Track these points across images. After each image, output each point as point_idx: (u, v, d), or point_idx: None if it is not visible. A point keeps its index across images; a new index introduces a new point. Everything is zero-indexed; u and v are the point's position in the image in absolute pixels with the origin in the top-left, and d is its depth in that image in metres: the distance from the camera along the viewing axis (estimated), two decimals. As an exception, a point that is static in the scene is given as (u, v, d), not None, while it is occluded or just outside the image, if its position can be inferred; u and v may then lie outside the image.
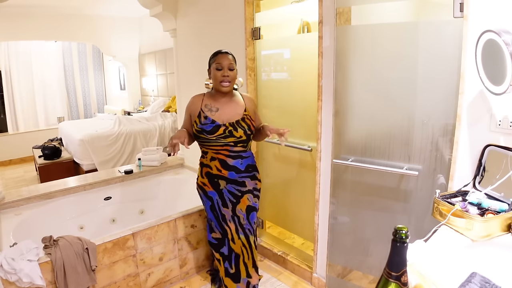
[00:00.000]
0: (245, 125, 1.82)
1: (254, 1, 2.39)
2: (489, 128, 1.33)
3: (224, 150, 1.80)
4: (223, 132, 1.77)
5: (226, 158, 1.81)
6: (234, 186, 1.85)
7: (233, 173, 1.83)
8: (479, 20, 1.31)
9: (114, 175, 3.01)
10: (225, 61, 1.75)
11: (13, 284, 1.64)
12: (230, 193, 1.86)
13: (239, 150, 1.83)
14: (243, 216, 1.88)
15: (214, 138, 1.78)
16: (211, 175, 1.85)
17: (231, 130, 1.78)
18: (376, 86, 1.80)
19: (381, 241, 1.86)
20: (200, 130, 1.78)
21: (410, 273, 0.79)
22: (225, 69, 1.75)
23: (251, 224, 1.91)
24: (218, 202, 1.87)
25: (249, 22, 2.41)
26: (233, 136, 1.79)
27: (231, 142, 1.79)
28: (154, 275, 2.21)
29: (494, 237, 1.04)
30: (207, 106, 1.83)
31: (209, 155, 1.83)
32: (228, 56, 1.78)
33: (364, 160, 1.85)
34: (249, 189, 1.89)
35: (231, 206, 1.87)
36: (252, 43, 2.46)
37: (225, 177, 1.83)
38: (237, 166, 1.83)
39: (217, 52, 1.81)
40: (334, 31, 1.86)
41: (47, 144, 5.07)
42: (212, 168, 1.83)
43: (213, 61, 1.78)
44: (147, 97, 6.75)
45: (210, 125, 1.77)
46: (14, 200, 2.45)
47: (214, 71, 1.77)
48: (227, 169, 1.82)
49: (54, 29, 5.58)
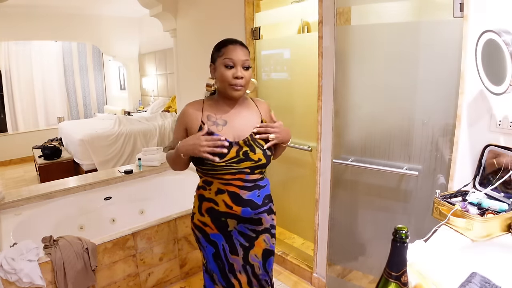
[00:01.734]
0: (264, 142, 1.31)
1: (254, 1, 2.39)
2: (489, 128, 1.33)
3: (236, 180, 1.27)
4: (236, 155, 1.24)
5: (239, 190, 1.28)
6: (247, 226, 1.35)
7: (247, 210, 1.30)
8: (479, 20, 1.31)
9: (114, 175, 3.01)
10: (239, 56, 1.23)
11: (13, 284, 1.64)
12: (242, 235, 1.35)
13: (256, 179, 1.31)
14: (258, 264, 1.39)
15: (224, 164, 1.23)
16: (217, 213, 1.31)
17: (247, 151, 1.26)
18: (376, 86, 1.80)
19: (381, 241, 1.86)
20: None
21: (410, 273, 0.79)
22: (239, 67, 1.23)
23: (268, 273, 1.43)
24: (224, 249, 1.36)
25: (249, 22, 2.41)
26: (250, 160, 1.26)
27: (247, 169, 1.26)
28: (154, 275, 2.21)
29: (494, 237, 1.04)
30: (211, 117, 1.29)
31: (215, 186, 1.29)
32: (243, 48, 1.26)
33: (364, 160, 1.85)
34: (266, 227, 1.38)
35: (243, 253, 1.37)
36: (252, 43, 2.46)
37: (236, 216, 1.31)
38: (254, 200, 1.31)
39: (226, 41, 1.28)
40: (334, 31, 1.86)
41: (47, 144, 5.07)
42: (219, 204, 1.30)
43: (221, 54, 1.25)
44: (147, 97, 6.75)
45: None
46: (14, 200, 2.44)
47: (222, 68, 1.24)
48: (241, 204, 1.29)
49: (54, 29, 5.58)
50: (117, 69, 7.39)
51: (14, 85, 6.47)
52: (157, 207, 2.99)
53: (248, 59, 1.26)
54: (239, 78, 1.23)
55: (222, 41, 1.29)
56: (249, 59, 1.27)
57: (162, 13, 3.19)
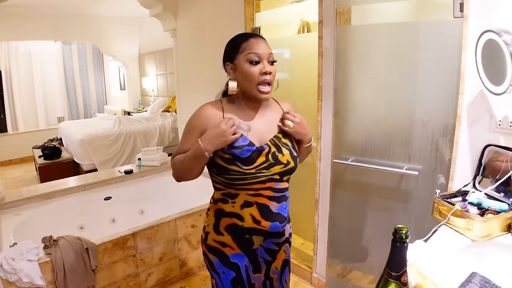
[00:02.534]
0: (289, 142, 1.17)
1: (254, 1, 2.39)
2: (489, 128, 1.33)
3: (267, 189, 1.11)
4: (265, 159, 1.09)
5: (269, 202, 1.12)
6: (272, 241, 1.20)
7: (277, 224, 1.14)
8: (479, 20, 1.31)
9: (114, 175, 3.01)
10: (264, 49, 1.07)
11: (13, 284, 1.64)
12: (267, 251, 1.21)
13: (284, 188, 1.16)
14: (277, 276, 1.26)
15: (254, 171, 1.08)
16: (241, 230, 1.14)
17: (275, 152, 1.11)
18: (376, 86, 1.80)
19: (381, 241, 1.86)
20: (230, 158, 1.07)
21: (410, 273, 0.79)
22: (265, 61, 1.07)
23: (283, 284, 1.30)
24: (247, 269, 1.20)
25: (249, 22, 2.41)
26: (279, 163, 1.11)
27: (276, 175, 1.11)
28: (154, 275, 2.21)
29: (494, 237, 1.04)
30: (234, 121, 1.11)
31: (241, 198, 1.12)
32: (265, 41, 1.11)
33: (364, 160, 1.85)
34: (287, 237, 1.25)
35: (265, 268, 1.23)
36: (252, 43, 2.46)
37: (264, 232, 1.14)
38: (282, 213, 1.16)
39: (245, 35, 1.12)
40: (334, 31, 1.86)
41: (47, 144, 5.08)
42: (245, 219, 1.12)
43: (242, 50, 1.09)
44: (147, 97, 6.75)
45: (248, 149, 1.07)
46: (14, 200, 2.44)
47: (246, 65, 1.07)
48: (270, 219, 1.13)
49: (54, 29, 5.59)
50: (117, 69, 7.39)
51: (14, 85, 6.48)
52: (157, 207, 2.99)
53: (272, 53, 1.10)
54: (268, 73, 1.06)
55: (239, 36, 1.12)
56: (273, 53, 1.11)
57: (162, 13, 3.19)
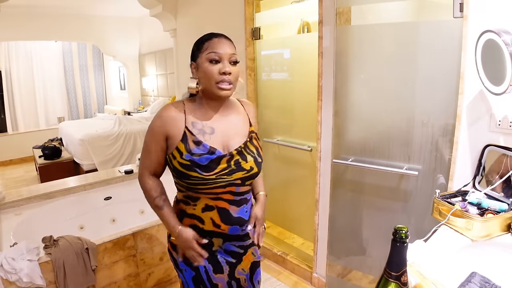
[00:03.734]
0: (254, 148, 1.16)
1: (254, 1, 2.39)
2: (489, 128, 1.33)
3: (227, 193, 1.11)
4: (227, 166, 1.08)
5: (229, 206, 1.12)
6: (234, 244, 1.20)
7: (236, 228, 1.15)
8: (479, 20, 1.32)
9: (114, 175, 3.01)
10: (225, 49, 1.07)
11: (13, 284, 1.64)
12: (229, 253, 1.20)
13: (245, 192, 1.16)
14: (244, 277, 1.25)
15: (214, 177, 1.07)
16: (200, 232, 1.14)
17: (238, 160, 1.10)
18: (376, 86, 1.80)
19: (381, 241, 1.86)
20: (189, 164, 1.06)
21: (410, 273, 0.79)
22: (225, 61, 1.07)
23: (254, 284, 1.28)
24: (207, 270, 1.18)
25: (249, 22, 2.41)
26: (242, 170, 1.10)
27: (238, 180, 1.11)
28: (155, 275, 2.21)
29: (494, 237, 1.04)
30: (196, 125, 1.10)
31: (202, 202, 1.11)
32: (229, 42, 1.11)
33: (364, 160, 1.85)
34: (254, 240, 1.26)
35: (228, 270, 1.21)
36: (252, 43, 2.46)
37: (223, 234, 1.15)
38: (242, 217, 1.16)
39: (209, 34, 1.12)
40: (334, 31, 1.86)
41: (47, 144, 5.08)
42: (205, 222, 1.13)
43: (203, 49, 1.08)
44: (147, 97, 6.75)
45: (207, 157, 1.06)
46: (14, 200, 2.45)
47: (206, 64, 1.06)
48: (229, 223, 1.13)
49: (54, 29, 5.59)
50: (117, 69, 7.39)
51: (14, 85, 6.48)
52: (157, 207, 2.99)
53: (235, 54, 1.10)
54: (227, 73, 1.05)
55: (205, 35, 1.12)
56: (236, 54, 1.11)
57: (162, 13, 3.19)
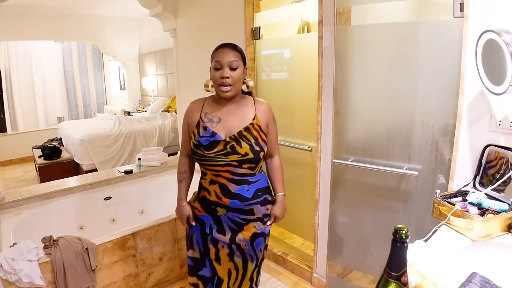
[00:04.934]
0: (251, 137, 1.36)
1: (254, 1, 2.39)
2: (489, 128, 1.33)
3: (225, 172, 1.36)
4: (223, 148, 1.34)
5: (228, 183, 1.37)
6: (238, 215, 1.42)
7: (236, 202, 1.38)
8: (479, 20, 1.31)
9: (114, 175, 3.01)
10: (225, 58, 1.32)
11: (13, 284, 1.64)
12: (232, 221, 1.43)
13: (245, 174, 1.37)
14: (245, 243, 1.44)
15: (213, 156, 1.34)
16: (207, 202, 1.43)
17: (233, 145, 1.34)
18: (376, 86, 1.80)
19: (381, 241, 1.86)
20: (197, 143, 1.37)
21: (410, 273, 0.79)
22: (225, 68, 1.32)
23: (255, 250, 1.46)
24: (212, 227, 1.44)
25: (249, 22, 2.41)
26: (237, 153, 1.34)
27: (234, 162, 1.34)
28: (154, 275, 2.21)
29: (494, 237, 1.04)
30: (207, 115, 1.41)
31: (208, 177, 1.41)
32: (230, 51, 1.34)
33: (364, 160, 1.85)
34: (259, 217, 1.44)
35: (230, 234, 1.43)
36: (252, 43, 2.46)
37: (225, 206, 1.40)
38: (242, 194, 1.38)
39: (218, 46, 1.38)
40: (334, 31, 1.86)
41: (47, 144, 5.07)
42: (211, 194, 1.41)
43: (212, 58, 1.37)
44: (147, 97, 6.75)
45: (207, 139, 1.36)
46: (14, 200, 2.44)
47: (212, 70, 1.36)
48: (229, 196, 1.38)
49: (54, 29, 5.58)
50: (117, 69, 7.39)
51: (14, 85, 6.48)
52: (157, 207, 2.99)
53: (235, 60, 1.33)
54: (225, 77, 1.31)
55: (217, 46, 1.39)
56: (238, 60, 1.34)
57: (162, 13, 3.18)
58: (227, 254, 1.45)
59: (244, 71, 1.40)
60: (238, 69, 1.34)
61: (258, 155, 1.36)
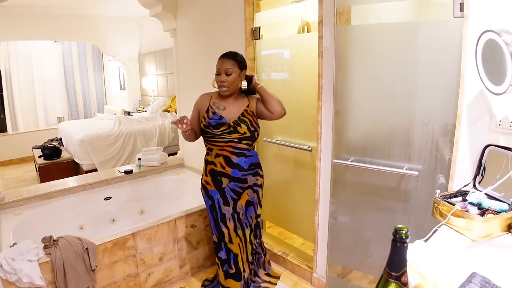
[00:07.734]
0: (247, 119, 1.88)
1: (254, 1, 2.39)
2: (489, 128, 1.33)
3: (228, 146, 1.86)
4: (227, 128, 1.85)
5: (230, 155, 1.86)
6: (236, 184, 1.91)
7: (236, 171, 1.88)
8: (479, 20, 1.31)
9: (114, 175, 3.01)
10: (222, 66, 1.80)
11: (13, 284, 1.64)
12: (232, 191, 1.92)
13: (243, 148, 1.88)
14: (242, 211, 1.95)
15: (219, 133, 1.85)
16: (215, 173, 1.91)
17: (235, 126, 1.85)
18: (376, 86, 1.80)
19: (381, 241, 1.86)
20: (207, 124, 1.86)
21: (410, 273, 0.79)
22: (222, 74, 1.81)
23: (247, 218, 1.98)
24: (219, 202, 1.92)
25: (249, 22, 2.41)
26: (237, 132, 1.85)
27: (235, 139, 1.85)
28: (154, 275, 2.21)
29: (494, 237, 1.04)
30: (215, 104, 1.91)
31: (214, 151, 1.89)
32: (228, 60, 1.81)
33: (364, 160, 1.85)
34: (250, 185, 1.94)
35: (233, 204, 1.93)
36: (252, 43, 2.46)
37: (228, 175, 1.89)
38: (241, 164, 1.88)
39: (221, 55, 1.85)
40: (334, 31, 1.86)
41: (47, 144, 5.07)
42: (216, 165, 1.89)
43: (216, 64, 1.84)
44: (147, 97, 6.75)
45: (216, 120, 1.85)
46: (14, 200, 2.45)
47: (215, 75, 1.85)
48: (231, 166, 1.87)
49: (54, 29, 5.58)
50: (117, 69, 7.39)
51: (14, 85, 6.48)
52: (157, 207, 3.00)
53: (230, 68, 1.80)
54: (222, 81, 1.82)
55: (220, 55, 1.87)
56: (233, 68, 1.80)
57: (162, 13, 3.18)
58: (233, 228, 1.93)
59: (240, 75, 1.85)
60: (233, 75, 1.82)
61: (254, 134, 1.90)
